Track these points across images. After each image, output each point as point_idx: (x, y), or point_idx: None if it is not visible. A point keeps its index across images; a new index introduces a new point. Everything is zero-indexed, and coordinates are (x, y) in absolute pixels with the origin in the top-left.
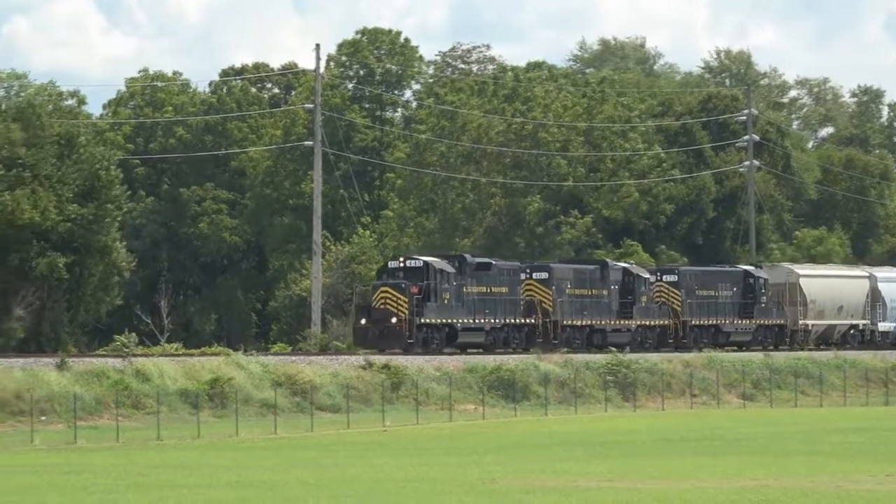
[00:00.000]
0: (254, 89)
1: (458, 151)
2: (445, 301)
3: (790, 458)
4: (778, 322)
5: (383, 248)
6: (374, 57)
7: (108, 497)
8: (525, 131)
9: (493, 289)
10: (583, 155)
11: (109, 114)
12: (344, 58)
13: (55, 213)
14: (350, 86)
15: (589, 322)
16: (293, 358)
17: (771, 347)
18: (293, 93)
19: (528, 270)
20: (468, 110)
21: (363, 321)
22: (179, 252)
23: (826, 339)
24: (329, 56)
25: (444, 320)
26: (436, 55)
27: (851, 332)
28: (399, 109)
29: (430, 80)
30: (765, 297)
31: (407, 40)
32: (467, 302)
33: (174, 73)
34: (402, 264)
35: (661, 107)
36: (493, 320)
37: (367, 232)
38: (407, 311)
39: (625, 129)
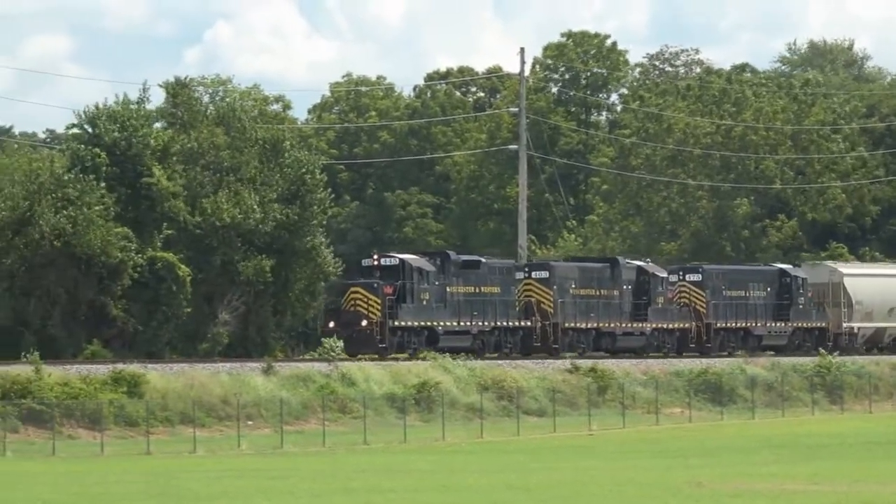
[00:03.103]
0: (458, 93)
1: (663, 154)
2: (424, 302)
3: None
4: (818, 325)
5: (588, 251)
6: (580, 60)
7: (315, 501)
8: (734, 133)
9: (482, 289)
10: (792, 158)
11: (314, 119)
12: (549, 61)
13: (259, 213)
14: (555, 89)
15: (595, 325)
16: (499, 362)
17: (814, 352)
18: (498, 96)
19: (526, 269)
20: (673, 113)
21: (331, 324)
22: None
23: (875, 344)
24: (534, 59)
25: (422, 323)
26: (643, 57)
27: None
28: (604, 113)
29: (636, 83)
30: (803, 298)
31: (614, 44)
32: (451, 303)
33: (378, 77)
34: (376, 262)
35: (866, 109)
36: (481, 323)
37: (573, 236)
38: (379, 313)
39: (831, 131)
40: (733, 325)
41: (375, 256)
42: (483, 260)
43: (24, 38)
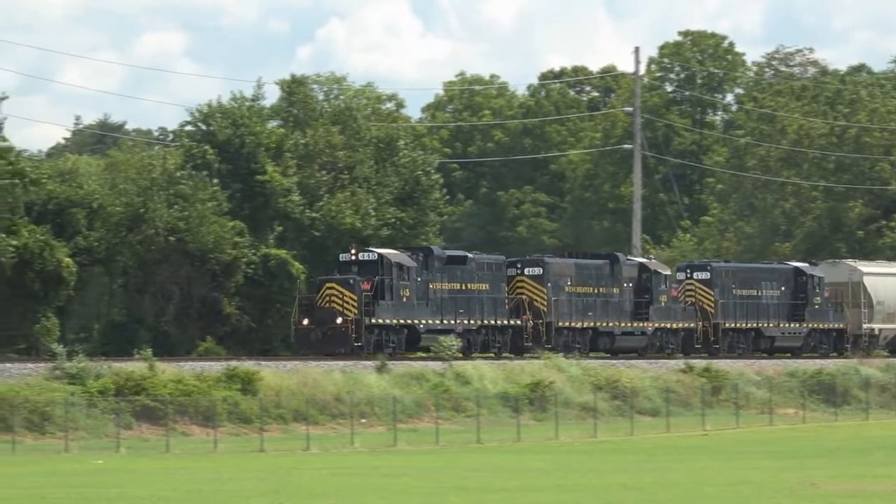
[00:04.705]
0: (572, 92)
1: (778, 155)
2: (404, 299)
3: None
4: (835, 326)
5: (703, 251)
6: (697, 60)
7: (429, 500)
8: (848, 134)
9: (469, 286)
10: None
11: (428, 118)
12: (665, 60)
13: (374, 219)
14: (670, 88)
15: (592, 324)
16: (613, 361)
17: (833, 354)
18: (612, 95)
19: (519, 265)
20: (787, 113)
21: (305, 322)
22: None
23: None
24: (649, 59)
25: (401, 321)
26: (762, 57)
27: None
28: (719, 113)
29: (751, 83)
30: (819, 298)
31: (731, 44)
32: (434, 300)
33: (491, 76)
34: (354, 257)
35: None
36: (467, 321)
37: (687, 235)
38: (355, 311)
39: None
40: (743, 325)
41: (353, 251)
42: (470, 255)
43: (139, 36)
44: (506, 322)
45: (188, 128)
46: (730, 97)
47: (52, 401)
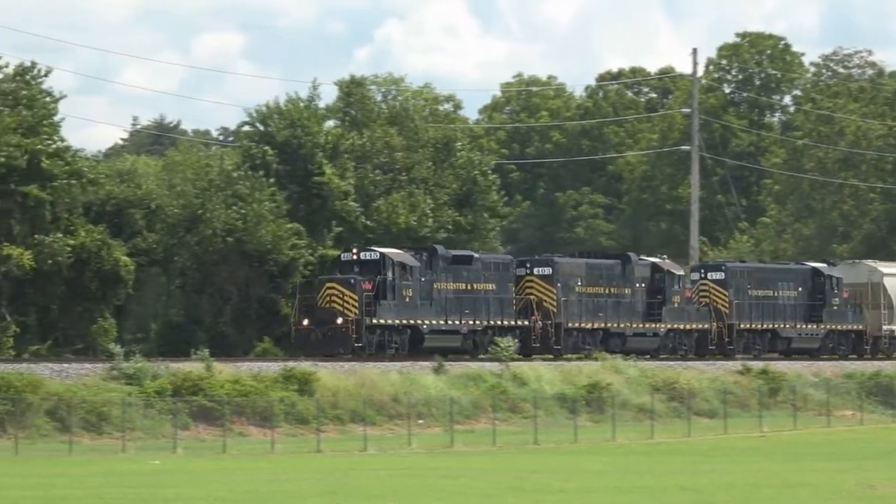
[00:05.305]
0: (630, 93)
1: (835, 156)
2: (407, 299)
3: None
4: (854, 327)
5: (760, 252)
6: (754, 62)
7: (486, 501)
8: None
9: (475, 286)
10: None
11: (485, 119)
12: (723, 61)
13: (432, 220)
14: (728, 89)
15: (603, 325)
16: (671, 363)
17: (853, 356)
18: (670, 97)
19: (528, 265)
20: (845, 115)
21: (305, 322)
22: None
23: None
24: (707, 60)
25: (404, 321)
26: (819, 58)
27: None
28: (777, 114)
29: (808, 85)
30: (837, 299)
31: (787, 45)
32: (438, 300)
33: (548, 77)
34: (355, 257)
35: None
36: (472, 322)
37: (745, 237)
38: (356, 311)
39: None
40: (759, 326)
41: (355, 250)
42: (476, 255)
43: (198, 37)
44: (513, 323)
45: (246, 128)
46: (787, 98)
47: (110, 401)
